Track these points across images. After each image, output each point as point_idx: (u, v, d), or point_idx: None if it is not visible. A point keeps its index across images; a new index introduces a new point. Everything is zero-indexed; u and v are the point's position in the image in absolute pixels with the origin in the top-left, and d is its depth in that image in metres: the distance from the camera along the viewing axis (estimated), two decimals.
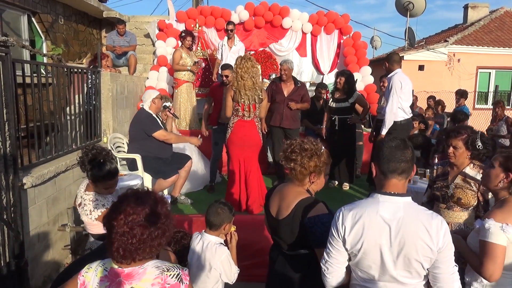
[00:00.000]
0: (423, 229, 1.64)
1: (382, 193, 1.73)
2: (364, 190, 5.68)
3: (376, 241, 1.68)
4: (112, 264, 1.47)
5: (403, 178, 1.73)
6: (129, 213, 1.42)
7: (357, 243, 1.70)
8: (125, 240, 1.40)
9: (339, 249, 1.77)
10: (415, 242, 1.63)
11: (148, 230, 1.42)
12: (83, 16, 8.50)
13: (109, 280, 1.45)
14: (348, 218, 1.73)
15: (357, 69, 8.38)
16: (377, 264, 1.71)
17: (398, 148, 1.73)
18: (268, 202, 2.29)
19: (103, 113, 5.57)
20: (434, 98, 8.99)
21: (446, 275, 1.68)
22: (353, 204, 1.80)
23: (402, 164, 1.71)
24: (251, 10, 8.52)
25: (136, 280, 1.44)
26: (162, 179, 4.61)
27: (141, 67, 8.68)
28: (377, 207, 1.70)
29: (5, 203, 3.10)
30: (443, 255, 1.65)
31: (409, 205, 1.70)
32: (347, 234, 1.72)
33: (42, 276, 3.70)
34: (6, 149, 3.10)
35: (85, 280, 1.49)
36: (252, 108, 4.35)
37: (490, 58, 14.42)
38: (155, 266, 1.47)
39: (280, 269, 2.17)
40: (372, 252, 1.69)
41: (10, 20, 6.52)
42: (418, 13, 13.25)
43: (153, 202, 1.48)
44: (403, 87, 4.65)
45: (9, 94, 3.15)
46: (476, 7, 16.74)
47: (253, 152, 4.51)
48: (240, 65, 4.27)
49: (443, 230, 1.65)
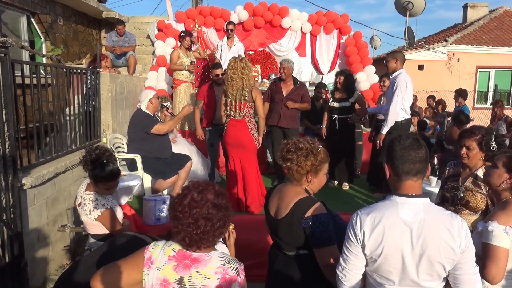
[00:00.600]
0: (445, 230, 1.60)
1: (400, 195, 1.68)
2: (364, 190, 5.68)
3: (398, 244, 1.62)
4: (180, 246, 1.60)
5: (418, 178, 1.69)
6: (193, 206, 1.54)
7: (378, 248, 1.64)
8: (190, 231, 1.54)
9: (357, 254, 1.71)
10: (437, 244, 1.59)
11: (211, 222, 1.55)
12: (82, 17, 8.50)
13: (177, 260, 1.57)
14: (367, 222, 1.66)
15: (361, 68, 8.34)
16: (397, 269, 1.65)
17: (412, 148, 1.68)
18: (267, 202, 2.29)
19: (102, 114, 5.57)
20: (434, 97, 9.01)
21: (468, 276, 1.64)
22: (369, 208, 1.74)
23: (416, 165, 1.66)
24: (250, 10, 8.53)
25: (202, 266, 1.56)
26: (162, 179, 4.61)
27: (141, 67, 8.68)
28: (397, 209, 1.65)
29: (4, 204, 3.10)
30: (465, 256, 1.62)
31: (429, 206, 1.66)
32: (366, 238, 1.66)
33: (42, 276, 3.70)
34: (5, 149, 3.10)
35: (151, 255, 1.59)
36: (238, 107, 4.34)
37: (489, 57, 14.43)
38: (219, 257, 1.59)
39: (279, 269, 2.17)
40: (393, 257, 1.64)
41: (9, 20, 6.52)
42: (418, 12, 13.23)
43: (214, 195, 1.59)
44: (407, 87, 4.65)
45: (8, 95, 3.15)
46: (475, 6, 16.76)
47: (248, 152, 4.47)
48: (230, 66, 4.33)
49: (464, 230, 1.62)
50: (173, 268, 1.56)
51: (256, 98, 4.36)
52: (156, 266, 1.57)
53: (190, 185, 1.62)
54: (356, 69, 8.33)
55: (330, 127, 5.71)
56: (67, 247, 4.14)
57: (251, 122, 4.46)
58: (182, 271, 1.55)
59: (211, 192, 1.60)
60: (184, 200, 1.56)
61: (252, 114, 4.49)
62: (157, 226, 4.04)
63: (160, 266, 1.57)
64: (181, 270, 1.56)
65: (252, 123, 4.47)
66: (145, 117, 4.59)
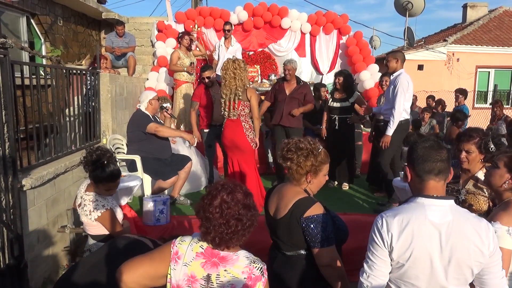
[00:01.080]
0: (474, 233, 1.58)
1: (426, 196, 1.64)
2: (364, 190, 5.68)
3: (427, 247, 1.58)
4: (208, 244, 1.61)
5: (441, 179, 1.66)
6: (224, 207, 1.57)
7: (406, 251, 1.59)
8: (221, 231, 1.56)
9: (384, 259, 1.64)
10: (467, 247, 1.56)
11: (241, 222, 1.58)
12: (82, 18, 8.50)
13: (205, 257, 1.59)
14: (394, 224, 1.61)
15: (364, 67, 8.29)
16: (426, 273, 1.60)
17: (433, 148, 1.67)
18: (267, 202, 2.29)
19: (102, 114, 5.57)
20: (434, 97, 9.01)
21: (496, 280, 1.62)
22: (395, 210, 1.69)
23: (438, 164, 1.65)
24: (250, 11, 8.53)
25: (230, 265, 1.58)
26: (161, 180, 4.61)
27: (140, 68, 8.68)
28: (425, 211, 1.61)
29: (4, 205, 3.09)
30: (494, 259, 1.61)
31: (455, 208, 1.64)
32: (394, 241, 1.60)
33: (42, 277, 3.69)
34: (5, 150, 3.10)
35: (178, 250, 1.61)
36: (232, 106, 4.35)
37: (489, 57, 14.44)
38: (245, 256, 1.63)
39: (278, 269, 2.17)
40: (421, 260, 1.59)
41: (9, 21, 6.51)
42: (417, 12, 13.24)
43: (243, 195, 1.62)
44: (409, 87, 4.65)
45: (8, 96, 3.14)
46: (475, 6, 16.78)
47: (244, 153, 4.45)
48: (223, 67, 4.39)
49: (491, 232, 1.60)
50: (201, 265, 1.58)
51: (251, 98, 4.35)
52: (183, 261, 1.59)
53: (219, 186, 1.64)
54: (359, 68, 8.29)
55: (330, 127, 5.72)
56: (67, 248, 4.14)
57: (246, 122, 4.43)
58: (210, 268, 1.58)
59: (240, 192, 1.62)
60: (214, 201, 1.58)
61: (248, 113, 4.46)
62: (157, 226, 4.04)
63: (188, 262, 1.59)
64: (209, 268, 1.58)
65: (247, 123, 4.44)
66: (142, 117, 4.59)
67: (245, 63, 4.47)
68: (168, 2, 9.12)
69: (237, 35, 8.59)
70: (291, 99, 5.50)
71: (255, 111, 4.43)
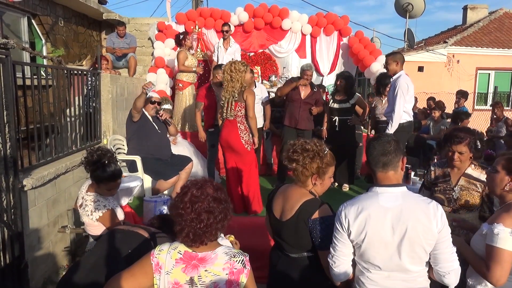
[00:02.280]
0: (422, 214, 1.75)
1: (379, 185, 1.87)
2: (364, 191, 5.65)
3: (379, 229, 1.77)
4: (186, 248, 1.64)
5: (388, 170, 1.85)
6: (194, 201, 1.59)
7: (361, 233, 1.79)
8: (194, 225, 1.58)
9: (344, 241, 1.86)
10: (416, 227, 1.74)
11: (213, 215, 1.59)
12: (83, 18, 8.52)
13: (185, 262, 1.62)
14: (351, 211, 1.83)
15: (373, 59, 8.14)
16: (381, 253, 1.79)
17: (379, 143, 1.88)
18: (271, 203, 2.27)
19: (103, 115, 5.58)
20: (434, 99, 9.01)
21: (446, 255, 1.78)
22: (354, 199, 1.91)
23: (381, 157, 1.85)
24: (250, 12, 8.54)
25: (210, 264, 1.61)
26: (162, 180, 4.61)
27: (141, 68, 8.69)
28: (377, 198, 1.83)
29: (5, 205, 3.10)
30: (442, 235, 1.76)
31: (406, 194, 1.84)
32: (351, 225, 1.81)
33: (42, 277, 3.70)
34: (6, 151, 3.11)
35: (158, 261, 1.63)
36: (230, 107, 4.35)
37: (489, 59, 14.45)
38: (224, 252, 1.64)
39: (282, 271, 2.17)
40: (376, 241, 1.78)
41: (10, 22, 6.53)
42: (417, 14, 13.26)
43: (213, 189, 1.64)
44: (409, 89, 4.65)
45: (9, 96, 3.15)
46: (475, 8, 16.78)
47: (239, 154, 4.44)
48: (223, 70, 4.43)
49: (439, 212, 1.77)
50: (182, 270, 1.61)
51: (247, 98, 4.33)
52: (165, 270, 1.62)
53: (189, 183, 1.67)
54: (367, 62, 8.15)
55: (330, 128, 5.73)
56: (67, 248, 4.15)
57: (242, 123, 4.42)
58: (191, 271, 1.61)
59: (209, 187, 1.65)
60: (185, 197, 1.61)
61: (244, 115, 4.44)
62: None
63: (169, 270, 1.62)
64: (190, 271, 1.61)
65: (243, 125, 4.42)
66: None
67: (246, 64, 4.46)
68: (168, 3, 9.14)
69: (237, 36, 8.60)
70: (305, 103, 5.60)
71: (251, 111, 4.38)
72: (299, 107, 5.59)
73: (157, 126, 4.80)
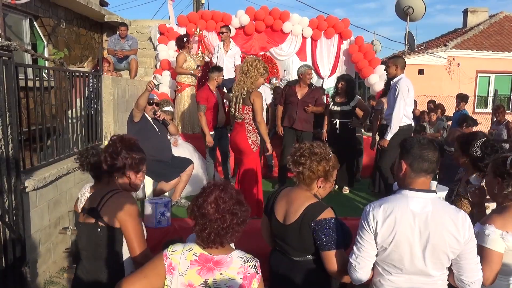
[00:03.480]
0: (450, 222, 1.76)
1: (411, 189, 1.84)
2: (364, 193, 5.69)
3: (407, 233, 1.77)
4: (201, 250, 1.64)
5: (431, 176, 1.87)
6: (220, 202, 1.61)
7: (389, 236, 1.79)
8: (217, 226, 1.59)
9: (370, 242, 1.84)
10: (443, 234, 1.75)
11: (236, 217, 1.62)
12: (84, 20, 8.55)
13: (200, 264, 1.62)
14: (380, 212, 1.81)
15: (372, 71, 8.30)
16: (406, 257, 1.79)
17: (430, 149, 1.85)
18: (272, 206, 2.25)
19: (104, 117, 5.59)
20: (434, 102, 9.02)
21: (472, 265, 1.80)
22: (381, 200, 1.88)
23: (433, 164, 1.84)
24: (251, 15, 8.56)
25: (225, 268, 1.62)
26: (164, 181, 4.62)
27: (142, 70, 8.71)
28: (407, 201, 1.81)
29: (7, 206, 3.11)
30: (469, 246, 1.78)
31: (436, 200, 1.83)
32: (379, 227, 1.80)
33: (43, 279, 3.71)
34: (8, 152, 3.12)
35: (172, 262, 1.63)
36: (238, 107, 4.34)
37: (489, 62, 14.47)
38: (239, 257, 1.66)
39: (285, 275, 2.16)
40: (402, 245, 1.78)
41: (12, 24, 6.55)
42: (418, 17, 13.29)
43: (236, 192, 1.68)
44: (409, 92, 4.66)
45: (12, 98, 3.17)
46: (475, 11, 16.82)
47: (244, 154, 4.41)
48: (246, 59, 4.36)
49: (467, 222, 1.78)
50: (197, 272, 1.61)
51: (254, 101, 4.26)
52: (178, 272, 1.61)
53: (212, 184, 1.68)
54: (366, 73, 8.32)
55: (331, 131, 5.74)
56: (68, 250, 4.16)
57: (250, 124, 4.38)
58: (206, 274, 1.61)
59: (232, 189, 1.68)
60: (209, 198, 1.63)
61: (252, 117, 4.41)
62: (158, 229, 4.04)
63: (183, 271, 1.61)
64: (205, 274, 1.61)
65: (251, 126, 4.38)
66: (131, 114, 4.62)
67: (267, 70, 4.39)
68: (170, 5, 9.17)
69: (238, 38, 8.63)
70: (303, 103, 5.59)
71: (258, 115, 4.30)
72: (296, 107, 5.58)
73: (157, 127, 4.80)
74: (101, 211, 1.96)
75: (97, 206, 1.98)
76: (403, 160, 1.89)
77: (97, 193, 2.08)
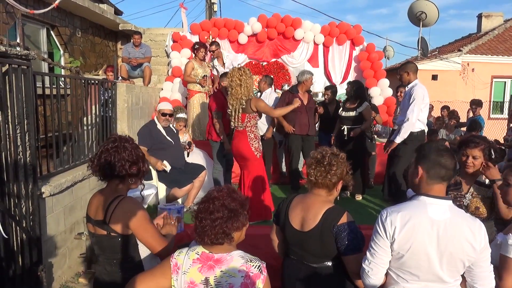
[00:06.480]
0: (468, 230, 1.75)
1: (429, 196, 1.81)
2: (377, 200, 5.63)
3: (425, 241, 1.75)
4: (203, 249, 1.71)
5: (446, 183, 1.86)
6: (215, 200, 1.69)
7: (407, 243, 1.76)
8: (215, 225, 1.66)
9: (385, 249, 1.81)
10: (460, 242, 1.74)
11: (234, 213, 1.68)
12: (99, 29, 8.71)
13: (201, 262, 1.69)
14: (398, 218, 1.78)
15: (375, 83, 8.41)
16: (423, 264, 1.77)
17: (448, 156, 1.83)
18: (287, 215, 2.23)
19: (118, 124, 5.68)
20: (448, 108, 8.92)
21: (486, 273, 1.81)
22: (398, 206, 1.85)
23: (451, 172, 1.83)
24: (263, 22, 8.61)
25: (225, 266, 1.66)
26: (177, 188, 4.66)
27: (156, 78, 8.82)
28: (426, 209, 1.78)
29: (24, 211, 3.18)
30: (484, 254, 1.78)
31: (453, 208, 1.82)
32: (397, 234, 1.76)
33: (58, 283, 3.76)
34: (26, 158, 3.19)
35: (177, 262, 1.71)
36: (237, 118, 4.34)
37: (505, 67, 14.27)
38: (240, 256, 1.70)
39: (306, 282, 2.16)
40: (420, 252, 1.76)
41: (30, 33, 6.73)
42: (431, 22, 13.21)
43: (232, 190, 1.76)
44: (424, 98, 4.62)
45: (30, 106, 3.25)
46: (490, 16, 16.63)
47: (248, 161, 4.44)
48: (229, 75, 4.38)
49: (483, 231, 1.78)
50: (198, 270, 1.68)
51: (257, 106, 4.30)
52: (182, 270, 1.69)
53: (215, 187, 1.79)
54: (370, 84, 8.37)
55: (339, 137, 5.69)
56: (83, 255, 4.21)
57: (252, 132, 4.41)
58: (207, 271, 1.66)
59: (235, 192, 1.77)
60: (207, 200, 1.72)
61: (254, 124, 4.44)
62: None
63: (186, 270, 1.69)
64: (206, 271, 1.67)
65: (252, 133, 4.41)
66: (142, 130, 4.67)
67: (250, 70, 4.44)
68: (184, 13, 9.29)
69: (250, 46, 8.70)
70: (309, 108, 5.75)
71: (272, 112, 4.68)
72: (306, 114, 5.72)
73: (170, 137, 4.83)
74: (110, 222, 2.01)
75: (104, 218, 2.02)
76: (420, 165, 1.86)
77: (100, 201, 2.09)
